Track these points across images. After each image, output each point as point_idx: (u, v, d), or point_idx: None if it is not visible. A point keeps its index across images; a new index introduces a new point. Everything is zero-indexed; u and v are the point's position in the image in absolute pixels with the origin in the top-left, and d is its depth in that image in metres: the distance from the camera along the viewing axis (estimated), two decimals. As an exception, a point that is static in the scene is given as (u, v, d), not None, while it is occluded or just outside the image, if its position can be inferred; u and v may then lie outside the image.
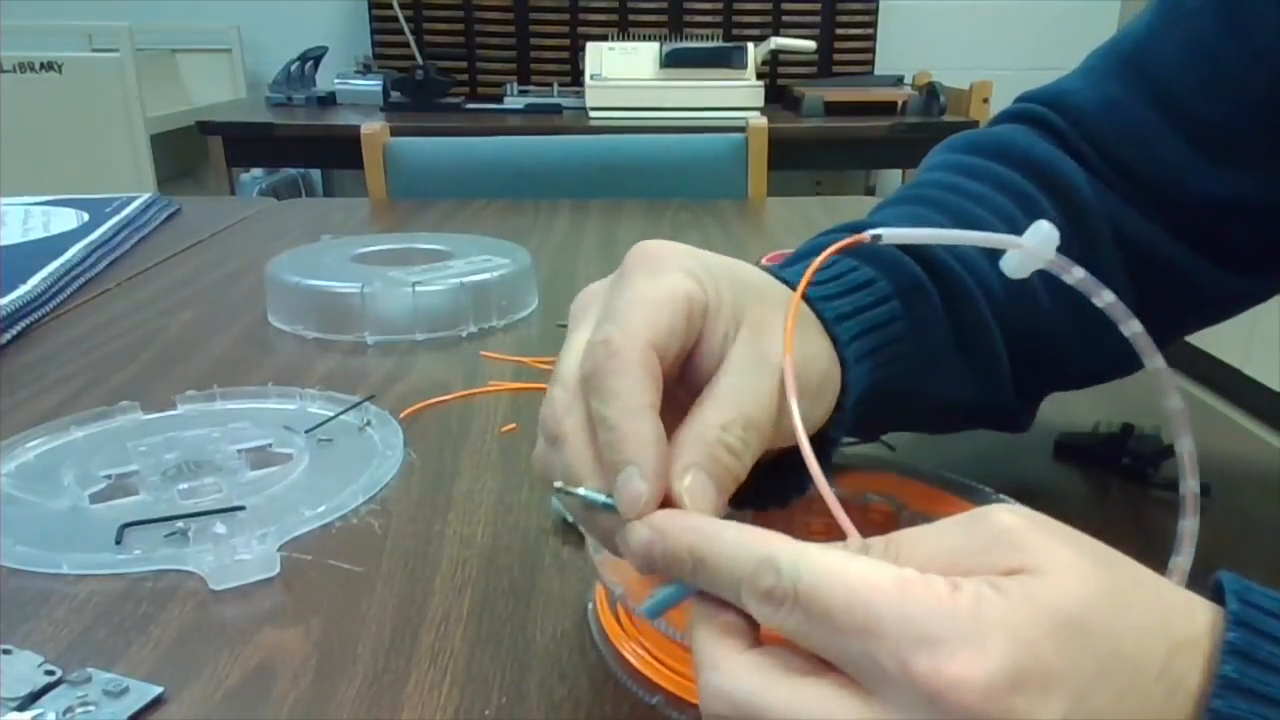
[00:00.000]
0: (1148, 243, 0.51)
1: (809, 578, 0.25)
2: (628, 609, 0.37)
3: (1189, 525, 0.34)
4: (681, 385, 0.34)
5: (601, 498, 0.31)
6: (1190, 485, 0.34)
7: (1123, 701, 0.23)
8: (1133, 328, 0.34)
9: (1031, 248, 0.34)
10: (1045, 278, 0.48)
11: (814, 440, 0.32)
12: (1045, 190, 0.51)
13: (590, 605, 0.42)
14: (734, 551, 0.27)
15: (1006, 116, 0.57)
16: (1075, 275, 0.34)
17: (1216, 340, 2.40)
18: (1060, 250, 0.50)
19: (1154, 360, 0.34)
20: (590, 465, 0.32)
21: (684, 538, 0.29)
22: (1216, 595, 0.26)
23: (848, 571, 0.25)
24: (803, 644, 0.26)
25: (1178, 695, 0.24)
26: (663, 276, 0.33)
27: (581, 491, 0.32)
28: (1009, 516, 0.26)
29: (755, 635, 0.28)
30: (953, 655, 0.23)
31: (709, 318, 0.33)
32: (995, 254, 0.47)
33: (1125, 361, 0.34)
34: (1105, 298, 0.34)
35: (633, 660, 0.38)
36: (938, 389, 0.45)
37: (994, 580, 0.24)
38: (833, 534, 0.28)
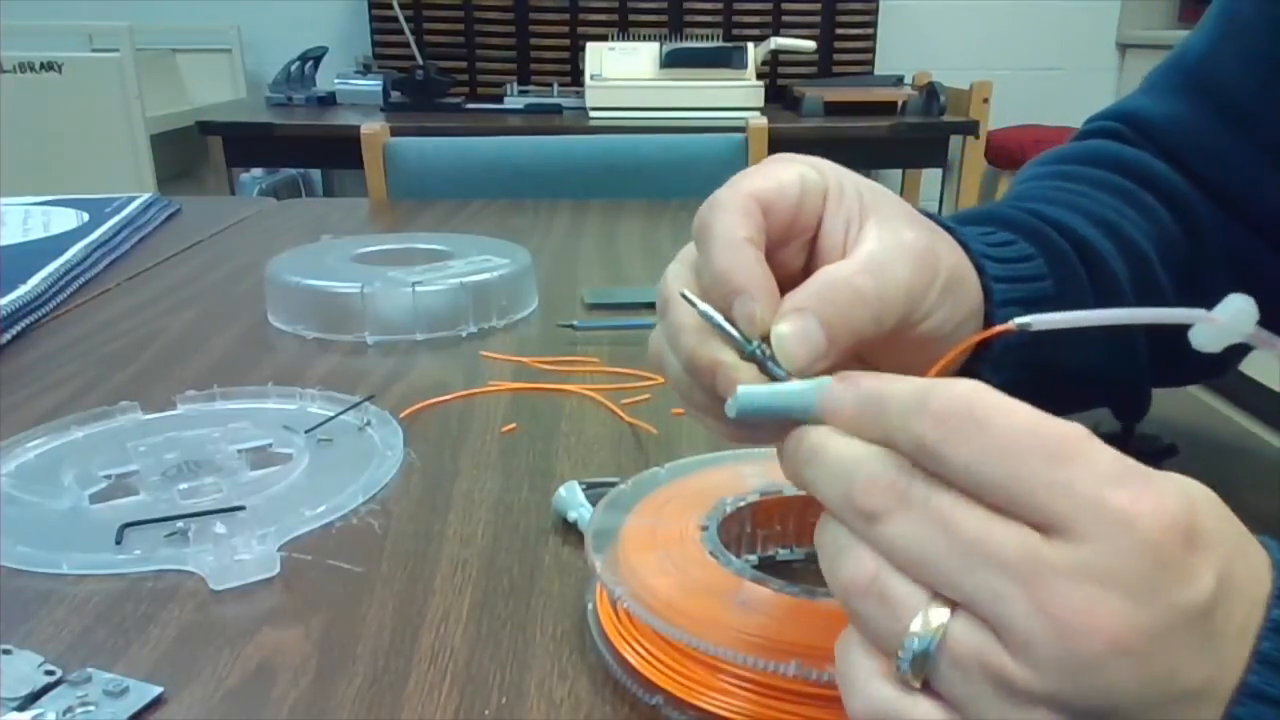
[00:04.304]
0: (1234, 244, 0.51)
1: (990, 402, 0.25)
2: (628, 609, 0.37)
3: None
4: (804, 277, 0.33)
5: (721, 319, 0.31)
6: None
7: (1252, 579, 0.25)
8: None
9: (1224, 322, 0.30)
10: (1162, 256, 0.48)
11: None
12: (1147, 188, 0.50)
13: (590, 605, 0.42)
14: (904, 380, 0.27)
15: (1084, 135, 0.57)
16: None
17: (1216, 340, 2.39)
18: (1171, 246, 0.49)
19: None
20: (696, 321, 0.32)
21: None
22: None
23: (1025, 406, 0.24)
24: (968, 473, 0.24)
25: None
26: (777, 163, 0.34)
27: (702, 306, 0.31)
28: None
29: None
30: (1145, 489, 0.23)
31: (829, 201, 0.34)
32: (1116, 237, 0.47)
33: (1226, 360, 0.33)
34: None
35: (633, 660, 0.38)
36: (1074, 353, 0.44)
37: None
38: None
